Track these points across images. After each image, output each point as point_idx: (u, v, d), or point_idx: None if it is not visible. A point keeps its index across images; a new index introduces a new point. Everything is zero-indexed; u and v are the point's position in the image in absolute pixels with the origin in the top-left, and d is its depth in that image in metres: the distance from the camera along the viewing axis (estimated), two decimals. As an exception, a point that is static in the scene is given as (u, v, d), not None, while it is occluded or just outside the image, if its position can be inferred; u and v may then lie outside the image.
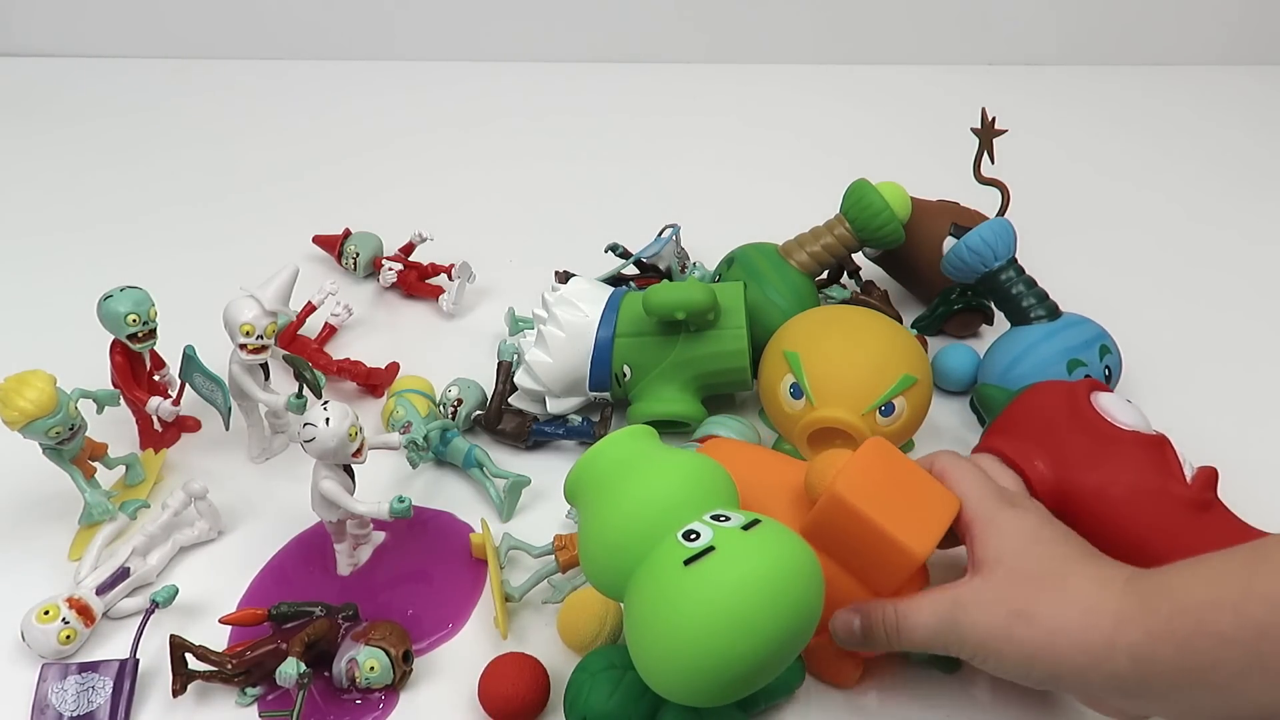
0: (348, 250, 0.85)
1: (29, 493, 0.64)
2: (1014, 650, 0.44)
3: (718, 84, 1.25)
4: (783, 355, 0.62)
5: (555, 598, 0.57)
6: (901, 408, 0.60)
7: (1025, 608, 0.44)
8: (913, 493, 0.48)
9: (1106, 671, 0.42)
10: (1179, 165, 1.09)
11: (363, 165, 1.07)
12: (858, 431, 0.59)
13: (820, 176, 0.88)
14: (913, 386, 0.60)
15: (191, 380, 0.66)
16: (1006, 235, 0.70)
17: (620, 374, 0.67)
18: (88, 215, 0.97)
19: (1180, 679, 0.40)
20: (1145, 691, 0.41)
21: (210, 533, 0.62)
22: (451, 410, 0.67)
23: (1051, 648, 0.43)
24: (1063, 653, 0.43)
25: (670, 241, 0.81)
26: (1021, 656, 0.44)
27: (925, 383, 0.62)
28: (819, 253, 0.73)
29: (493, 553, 0.58)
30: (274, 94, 1.22)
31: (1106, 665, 0.42)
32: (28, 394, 0.56)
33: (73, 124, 1.14)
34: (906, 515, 0.46)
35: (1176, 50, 1.31)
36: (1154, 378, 0.74)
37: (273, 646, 0.52)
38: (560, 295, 0.69)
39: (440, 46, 1.30)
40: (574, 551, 0.56)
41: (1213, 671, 0.39)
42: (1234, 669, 0.38)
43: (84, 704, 0.51)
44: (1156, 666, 0.40)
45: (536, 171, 1.06)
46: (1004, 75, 1.28)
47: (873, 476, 0.47)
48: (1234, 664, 0.38)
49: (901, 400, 0.60)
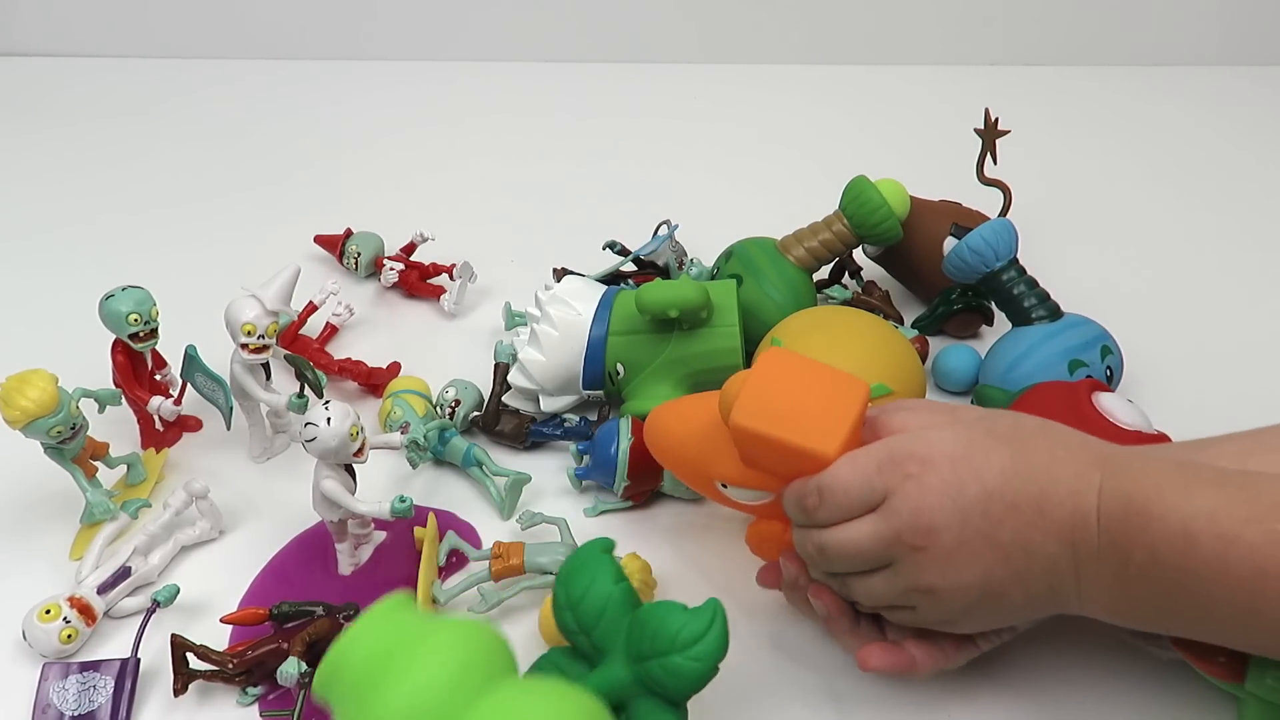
0: (349, 250, 0.85)
1: (30, 492, 0.64)
2: (984, 462, 0.44)
3: (718, 83, 1.25)
4: (770, 342, 0.64)
5: (481, 607, 0.56)
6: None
7: (993, 431, 0.45)
8: (819, 391, 0.48)
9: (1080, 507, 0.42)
10: (1180, 166, 1.09)
11: (364, 165, 1.07)
12: None
13: (820, 175, 0.88)
14: (886, 397, 0.60)
15: (193, 380, 0.66)
16: (1008, 236, 0.70)
17: (613, 372, 0.68)
18: (89, 215, 0.97)
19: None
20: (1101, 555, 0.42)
21: (211, 532, 0.62)
22: (449, 411, 0.67)
23: (1030, 466, 0.43)
24: (1039, 474, 0.43)
25: (668, 238, 0.81)
26: (992, 473, 0.44)
27: (906, 397, 0.61)
28: (817, 248, 0.73)
29: (430, 551, 0.58)
30: (274, 94, 1.22)
31: (1084, 496, 0.42)
32: (29, 393, 0.56)
33: (73, 124, 1.14)
34: (813, 417, 0.47)
35: (1178, 51, 1.31)
36: (1155, 378, 0.74)
37: (274, 646, 0.52)
38: (553, 294, 0.69)
39: (441, 46, 1.30)
40: (509, 561, 0.57)
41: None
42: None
43: (85, 703, 0.51)
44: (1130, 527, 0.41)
45: (537, 171, 1.06)
46: (1004, 75, 1.28)
47: (772, 390, 0.47)
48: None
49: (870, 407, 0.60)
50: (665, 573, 0.59)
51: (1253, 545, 0.39)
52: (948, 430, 0.46)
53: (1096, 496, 0.43)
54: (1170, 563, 0.41)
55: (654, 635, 0.44)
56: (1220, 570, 0.39)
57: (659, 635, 0.44)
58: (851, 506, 0.46)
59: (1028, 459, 0.44)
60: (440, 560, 0.59)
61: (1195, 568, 0.40)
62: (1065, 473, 0.43)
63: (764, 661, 0.54)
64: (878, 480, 0.45)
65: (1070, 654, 0.54)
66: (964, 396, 0.74)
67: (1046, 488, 0.43)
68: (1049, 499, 0.43)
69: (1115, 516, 0.42)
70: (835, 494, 0.46)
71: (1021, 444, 0.45)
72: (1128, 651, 0.53)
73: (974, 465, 0.44)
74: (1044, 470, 0.44)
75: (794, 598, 0.53)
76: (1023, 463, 0.44)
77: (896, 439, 0.46)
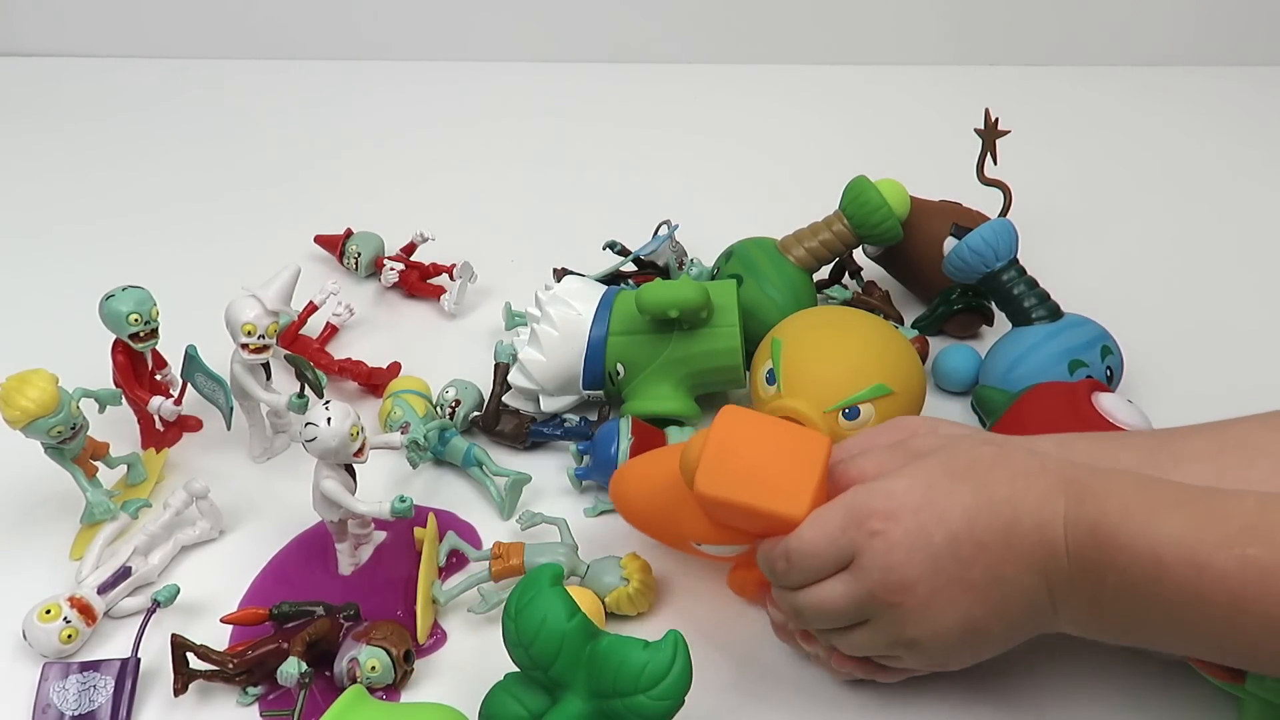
0: (349, 250, 0.85)
1: (30, 492, 0.64)
2: (946, 502, 0.43)
3: (718, 83, 1.25)
4: (770, 341, 0.64)
5: (481, 608, 0.56)
6: (868, 415, 0.60)
7: (961, 470, 0.45)
8: (780, 450, 0.47)
9: (1046, 539, 0.42)
10: (1180, 166, 1.08)
11: (364, 165, 1.07)
12: (815, 427, 0.60)
13: (820, 175, 0.88)
14: (885, 397, 0.60)
15: (193, 380, 0.66)
16: (1008, 236, 0.70)
17: (614, 372, 0.68)
18: (89, 215, 0.97)
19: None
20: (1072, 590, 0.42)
21: (212, 532, 0.62)
22: (449, 411, 0.67)
23: (992, 501, 0.43)
24: (1002, 507, 0.43)
25: (668, 238, 0.81)
26: (955, 513, 0.43)
27: (905, 398, 0.62)
28: (817, 248, 0.73)
29: (430, 551, 0.58)
30: (274, 94, 1.22)
31: (1050, 529, 0.42)
32: (29, 393, 0.56)
33: (73, 124, 1.14)
34: (777, 478, 0.46)
35: (1178, 51, 1.31)
36: (1155, 378, 0.74)
37: (274, 646, 0.52)
38: (553, 294, 0.69)
39: (442, 46, 1.30)
40: (509, 561, 0.57)
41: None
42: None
43: (85, 703, 0.51)
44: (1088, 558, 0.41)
45: (538, 171, 1.06)
46: (1004, 75, 1.28)
47: (733, 452, 0.47)
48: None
49: (869, 408, 0.60)
50: (665, 573, 0.59)
51: (1224, 572, 0.38)
52: (905, 477, 0.45)
53: (1062, 525, 0.42)
54: (1142, 588, 0.40)
55: (615, 674, 0.43)
56: (1194, 596, 0.39)
57: (620, 675, 0.43)
58: (821, 568, 0.46)
59: (988, 494, 0.44)
60: (440, 560, 0.59)
61: (1168, 594, 0.40)
62: (1028, 502, 0.43)
63: (762, 659, 0.55)
64: (843, 539, 0.45)
65: (1071, 653, 0.54)
66: (964, 397, 0.74)
67: (1011, 521, 0.43)
68: (1015, 532, 0.43)
69: (1083, 544, 0.42)
70: (803, 557, 0.45)
71: (980, 478, 0.44)
72: (1128, 651, 0.53)
73: (937, 510, 0.44)
74: (1006, 503, 0.43)
75: (781, 635, 0.53)
76: (984, 498, 0.44)
77: (856, 494, 0.46)
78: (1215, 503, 0.40)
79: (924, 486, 0.44)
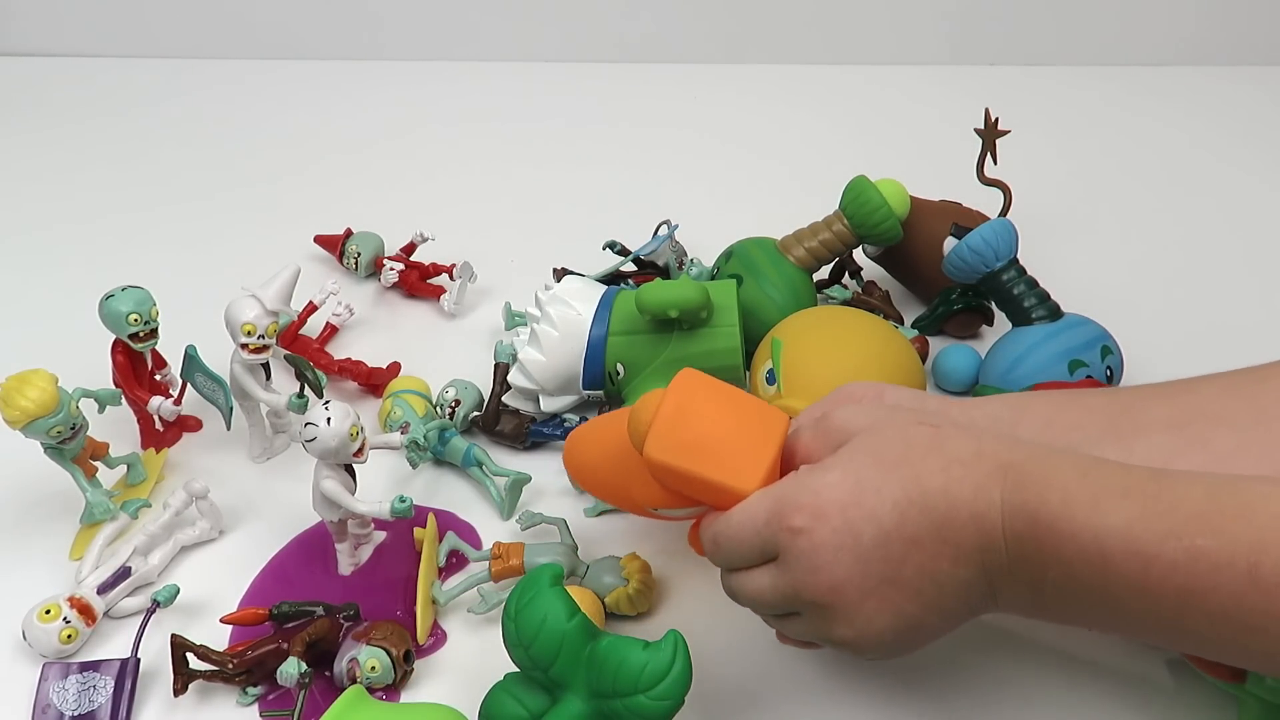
0: (349, 250, 0.85)
1: (30, 492, 0.64)
2: (875, 501, 0.41)
3: (718, 83, 1.25)
4: (770, 341, 0.64)
5: (481, 608, 0.56)
6: None
7: (890, 464, 0.42)
8: (737, 420, 0.45)
9: (983, 526, 0.40)
10: (1181, 165, 1.08)
11: (364, 165, 1.07)
12: None
13: (820, 175, 0.88)
14: None
15: (193, 380, 0.66)
16: (1008, 236, 0.70)
17: (613, 372, 0.68)
18: (89, 215, 0.97)
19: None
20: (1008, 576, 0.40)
21: (211, 532, 0.62)
22: (449, 411, 0.67)
23: (924, 494, 0.40)
24: (936, 500, 0.40)
25: (668, 238, 0.81)
26: (886, 508, 0.41)
27: None
28: (817, 248, 0.73)
29: (430, 551, 0.58)
30: (274, 94, 1.22)
31: (987, 520, 0.40)
32: (29, 393, 0.56)
33: (73, 124, 1.14)
34: (731, 449, 0.44)
35: (1178, 51, 1.31)
36: (1155, 378, 0.74)
37: (274, 646, 0.52)
38: (553, 294, 0.69)
39: (441, 46, 1.30)
40: (509, 562, 0.57)
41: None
42: None
43: (85, 703, 0.51)
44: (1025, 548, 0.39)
45: (538, 171, 1.06)
46: (1004, 75, 1.28)
47: (687, 418, 0.45)
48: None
49: None
50: (665, 573, 0.59)
51: (1174, 564, 0.36)
52: (835, 471, 0.42)
53: (1000, 515, 0.40)
54: (1086, 579, 0.38)
55: (615, 675, 0.43)
56: (1140, 589, 0.37)
57: (621, 675, 0.43)
58: (745, 556, 0.44)
59: (920, 485, 0.41)
60: (440, 561, 0.59)
61: (1113, 585, 0.38)
62: (963, 492, 0.41)
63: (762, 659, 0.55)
64: (766, 532, 0.43)
65: (1070, 652, 0.54)
66: (964, 397, 0.74)
67: (946, 515, 0.41)
68: (950, 526, 0.41)
69: (1022, 534, 0.39)
70: (729, 542, 0.44)
71: (912, 468, 0.42)
72: (1128, 650, 0.53)
73: (865, 507, 0.41)
74: (940, 495, 0.41)
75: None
76: (915, 491, 0.41)
77: (785, 486, 0.43)
78: (1163, 489, 0.38)
79: (853, 482, 0.42)
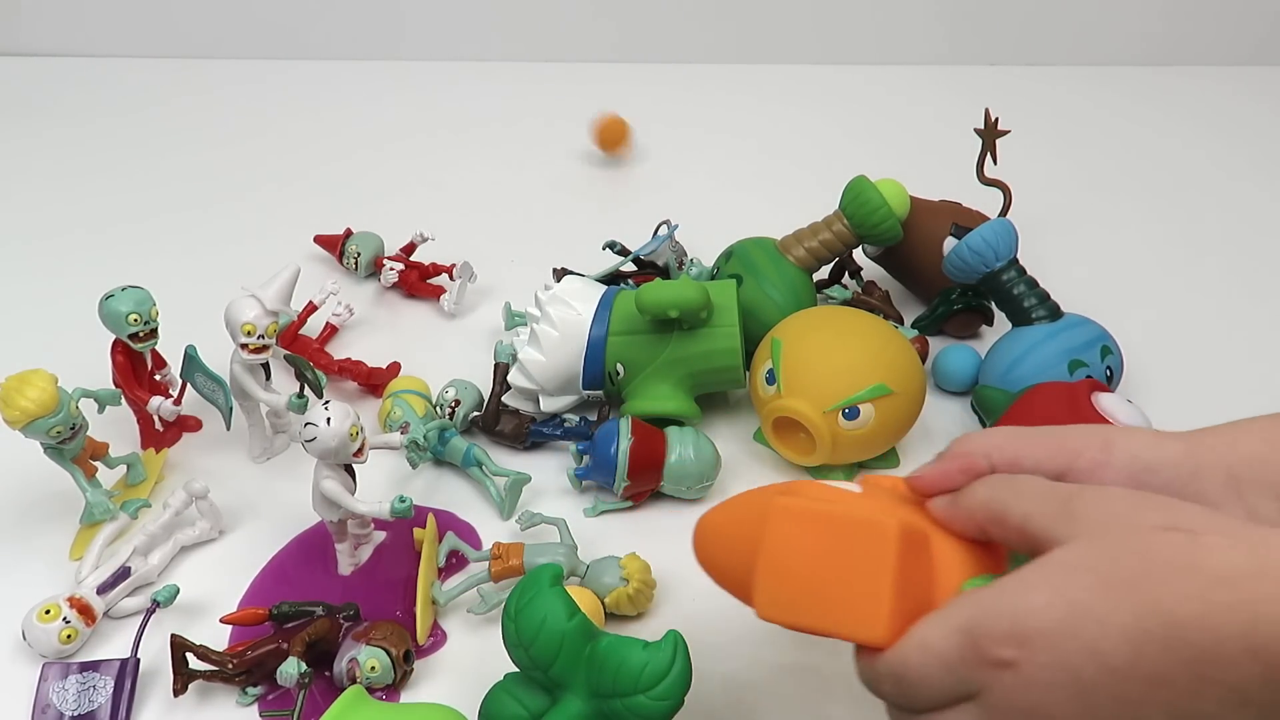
0: (349, 250, 0.85)
1: (30, 492, 0.64)
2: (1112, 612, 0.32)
3: (718, 83, 1.25)
4: (770, 341, 0.64)
5: (480, 608, 0.56)
6: (868, 415, 0.61)
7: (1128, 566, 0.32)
8: (840, 552, 0.38)
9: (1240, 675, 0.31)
10: (1181, 165, 1.08)
11: (364, 165, 1.07)
12: (814, 427, 0.60)
13: (820, 175, 0.88)
14: (885, 397, 0.60)
15: (193, 380, 0.66)
16: (1008, 235, 0.70)
17: (613, 372, 0.68)
18: (89, 215, 0.97)
19: None
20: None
21: (211, 532, 0.62)
22: (449, 411, 0.67)
23: (1173, 626, 0.31)
24: (1191, 634, 0.31)
25: (668, 238, 0.81)
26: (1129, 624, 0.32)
27: (905, 398, 0.62)
28: (817, 248, 0.73)
29: (430, 551, 0.58)
30: (274, 94, 1.22)
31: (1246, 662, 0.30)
32: (29, 393, 0.56)
33: (73, 124, 1.14)
34: (845, 590, 0.38)
35: (1178, 50, 1.31)
36: (1155, 378, 0.74)
37: (274, 646, 0.52)
38: (553, 294, 0.69)
39: (441, 46, 1.30)
40: (509, 562, 0.57)
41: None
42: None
43: (85, 703, 0.51)
44: None
45: (537, 171, 1.06)
46: (1004, 75, 1.28)
47: (789, 568, 0.39)
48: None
49: (869, 407, 0.60)
50: (665, 573, 0.59)
51: None
52: (1042, 591, 0.34)
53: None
54: None
55: (615, 675, 0.44)
56: None
57: (621, 675, 0.43)
58: (936, 698, 0.36)
59: (1164, 615, 0.32)
60: (440, 561, 0.59)
61: None
62: (1234, 624, 0.31)
63: (762, 659, 0.55)
64: (962, 671, 0.35)
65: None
66: (964, 396, 0.74)
67: (1209, 651, 0.31)
68: (1215, 663, 0.31)
69: None
70: (913, 686, 0.36)
71: (1152, 592, 0.32)
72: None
73: (1083, 640, 0.33)
74: (1197, 628, 0.31)
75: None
76: (1155, 622, 0.32)
77: (975, 613, 0.35)
78: None
79: (1065, 607, 0.33)
